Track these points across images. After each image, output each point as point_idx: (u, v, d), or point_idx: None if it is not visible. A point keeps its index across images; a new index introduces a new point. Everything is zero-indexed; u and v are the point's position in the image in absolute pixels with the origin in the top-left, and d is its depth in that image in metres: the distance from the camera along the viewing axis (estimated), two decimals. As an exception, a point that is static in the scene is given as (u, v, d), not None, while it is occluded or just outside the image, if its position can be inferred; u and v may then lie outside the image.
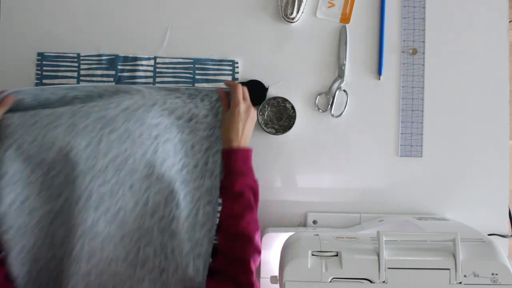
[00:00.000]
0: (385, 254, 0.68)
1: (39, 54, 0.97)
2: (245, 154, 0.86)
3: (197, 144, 0.87)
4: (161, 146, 0.83)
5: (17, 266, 0.80)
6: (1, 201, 0.79)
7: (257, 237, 0.81)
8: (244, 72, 0.98)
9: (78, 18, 0.99)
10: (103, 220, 0.79)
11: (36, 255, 0.81)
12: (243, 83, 0.92)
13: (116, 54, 0.98)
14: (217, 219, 0.85)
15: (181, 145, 0.86)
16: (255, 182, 0.85)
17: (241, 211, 0.81)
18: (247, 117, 0.86)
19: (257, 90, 0.97)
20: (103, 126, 0.81)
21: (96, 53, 0.98)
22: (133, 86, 0.88)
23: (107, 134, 0.80)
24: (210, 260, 0.83)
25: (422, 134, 0.98)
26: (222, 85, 0.97)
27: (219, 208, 0.85)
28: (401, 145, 0.98)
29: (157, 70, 0.97)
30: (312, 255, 0.70)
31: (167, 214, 0.82)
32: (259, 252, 0.81)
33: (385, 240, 0.69)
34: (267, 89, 0.97)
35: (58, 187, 0.82)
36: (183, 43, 0.99)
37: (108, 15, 0.99)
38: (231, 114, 0.86)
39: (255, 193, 0.84)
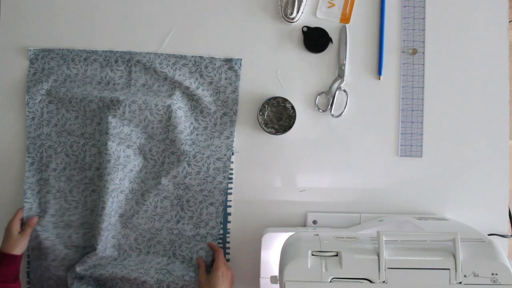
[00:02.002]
0: (385, 254, 0.68)
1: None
2: None
3: (205, 109, 0.97)
4: (174, 113, 0.95)
5: (49, 227, 0.95)
6: (47, 167, 0.96)
7: None
8: (244, 72, 0.98)
9: (76, 14, 0.99)
10: (128, 178, 0.96)
11: (67, 220, 0.96)
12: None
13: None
14: (230, 171, 0.97)
15: (191, 111, 0.97)
16: None
17: None
18: (227, 279, 0.90)
19: (320, 37, 0.98)
20: (126, 98, 0.94)
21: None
22: (145, 55, 0.98)
23: (129, 105, 0.94)
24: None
25: (422, 134, 0.98)
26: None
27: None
28: (401, 145, 0.98)
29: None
30: (312, 255, 0.70)
31: (180, 171, 0.96)
32: None
33: (385, 240, 0.69)
34: (330, 39, 0.97)
35: (90, 158, 0.97)
36: (182, 42, 0.99)
37: (108, 12, 0.99)
38: (214, 276, 0.89)
39: None
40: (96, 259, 0.93)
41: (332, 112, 0.98)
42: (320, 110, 0.98)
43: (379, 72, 0.98)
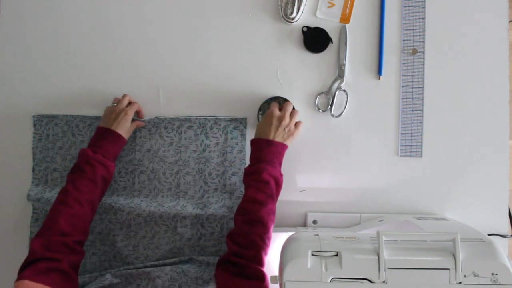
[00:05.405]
0: (385, 254, 0.68)
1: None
2: (279, 148, 0.89)
3: (213, 171, 0.97)
4: (182, 179, 0.97)
5: None
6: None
7: (272, 229, 0.83)
8: (244, 72, 0.98)
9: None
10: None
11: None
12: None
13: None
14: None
15: (199, 175, 0.97)
16: (281, 175, 0.88)
17: (264, 199, 0.84)
18: (279, 125, 0.89)
19: (320, 37, 0.98)
20: (134, 169, 0.97)
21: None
22: (149, 120, 0.98)
23: (138, 175, 0.97)
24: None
25: (422, 134, 0.98)
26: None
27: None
28: (401, 145, 0.98)
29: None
30: (312, 255, 0.70)
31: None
32: (268, 245, 0.81)
33: (385, 240, 0.69)
34: (330, 39, 0.97)
35: None
36: (182, 43, 0.99)
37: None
38: (266, 115, 0.92)
39: (279, 186, 0.88)
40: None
41: (332, 112, 0.98)
42: (320, 110, 0.98)
43: (379, 72, 0.98)
